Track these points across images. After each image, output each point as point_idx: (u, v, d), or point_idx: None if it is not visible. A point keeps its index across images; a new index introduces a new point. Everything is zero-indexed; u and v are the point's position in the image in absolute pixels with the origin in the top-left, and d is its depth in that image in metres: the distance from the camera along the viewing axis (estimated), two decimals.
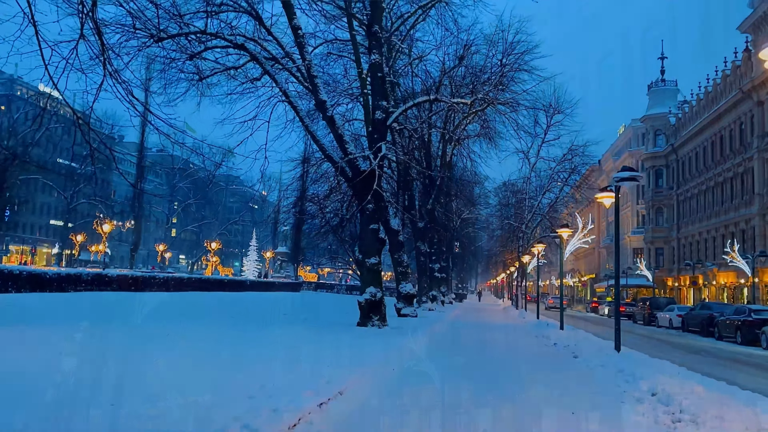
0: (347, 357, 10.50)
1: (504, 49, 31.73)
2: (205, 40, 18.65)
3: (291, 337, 13.23)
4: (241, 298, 31.22)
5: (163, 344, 10.57)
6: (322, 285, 68.26)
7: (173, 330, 12.63)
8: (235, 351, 10.28)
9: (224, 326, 14.89)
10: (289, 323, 17.42)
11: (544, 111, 37.71)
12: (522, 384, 10.74)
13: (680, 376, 10.30)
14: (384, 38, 20.26)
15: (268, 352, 10.43)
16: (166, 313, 18.34)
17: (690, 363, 15.97)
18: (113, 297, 22.98)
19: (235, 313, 20.40)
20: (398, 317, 24.66)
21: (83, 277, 25.74)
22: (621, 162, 76.22)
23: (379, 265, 18.84)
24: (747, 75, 44.08)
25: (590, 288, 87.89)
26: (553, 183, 46.25)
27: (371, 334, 15.49)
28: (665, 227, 63.09)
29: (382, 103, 19.11)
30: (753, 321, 24.38)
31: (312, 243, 47.41)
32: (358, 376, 8.83)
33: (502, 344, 18.23)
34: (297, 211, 45.88)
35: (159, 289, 31.04)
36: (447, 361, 12.90)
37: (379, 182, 17.80)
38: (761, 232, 41.45)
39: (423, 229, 35.99)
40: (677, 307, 36.89)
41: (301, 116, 18.73)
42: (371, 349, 12.07)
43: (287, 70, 18.86)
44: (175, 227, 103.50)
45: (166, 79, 20.03)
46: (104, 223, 56.79)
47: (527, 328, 26.79)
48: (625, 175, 12.80)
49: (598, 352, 14.49)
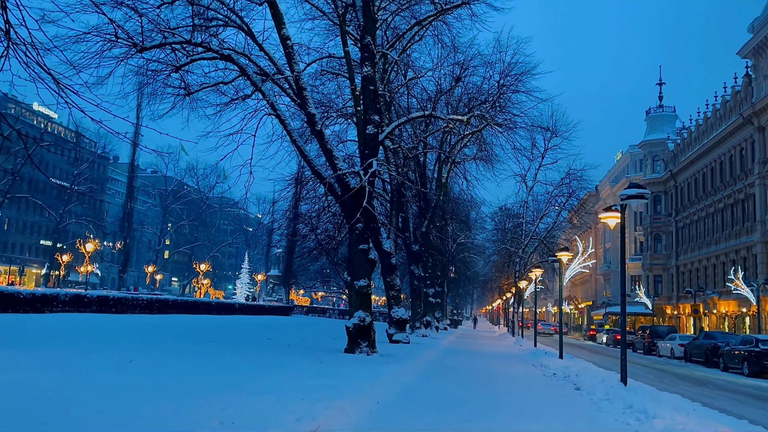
0: (327, 388, 9.41)
1: (502, 69, 31.18)
2: (192, 51, 17.89)
3: (268, 365, 12.11)
4: (227, 322, 29.97)
5: (120, 373, 9.46)
6: (315, 309, 66.84)
7: (138, 357, 11.51)
8: (200, 380, 9.17)
9: (198, 352, 13.74)
10: (270, 349, 16.27)
11: (542, 132, 36.91)
12: (521, 421, 9.65)
13: (697, 414, 9.25)
14: (378, 52, 19.44)
15: (236, 381, 9.32)
16: (140, 336, 17.19)
17: (699, 396, 14.93)
18: (89, 319, 21.80)
19: (216, 337, 19.22)
20: (390, 343, 23.59)
21: (60, 297, 24.56)
22: (618, 188, 75.59)
23: (368, 288, 17.77)
24: (747, 100, 43.53)
25: (587, 315, 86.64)
26: (551, 207, 45.45)
27: (358, 362, 14.37)
28: (663, 254, 62.13)
29: (374, 117, 18.23)
30: (761, 352, 23.32)
31: (304, 265, 46.29)
32: (336, 412, 7.74)
33: (499, 374, 17.09)
34: (288, 233, 44.96)
35: (142, 312, 29.82)
36: (438, 393, 11.81)
37: (370, 200, 16.84)
38: (764, 260, 40.51)
39: (417, 252, 34.98)
40: (679, 336, 35.75)
41: (288, 130, 17.84)
42: (355, 379, 10.97)
43: (275, 82, 18.04)
44: (168, 249, 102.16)
45: (150, 93, 19.28)
46: (87, 243, 55.46)
47: (524, 356, 25.66)
48: (632, 192, 11.84)
49: (601, 384, 13.40)
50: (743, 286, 37.37)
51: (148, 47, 16.83)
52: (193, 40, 17.28)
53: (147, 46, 16.68)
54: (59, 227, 73.16)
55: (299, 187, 29.43)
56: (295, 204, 35.17)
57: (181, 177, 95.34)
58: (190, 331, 21.31)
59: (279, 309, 52.38)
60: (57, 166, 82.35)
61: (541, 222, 46.56)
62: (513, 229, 51.12)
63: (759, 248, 41.15)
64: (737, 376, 23.76)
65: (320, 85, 28.85)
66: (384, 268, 27.42)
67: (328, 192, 18.45)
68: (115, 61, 16.94)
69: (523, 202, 46.66)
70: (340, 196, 17.11)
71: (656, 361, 31.85)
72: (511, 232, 51.56)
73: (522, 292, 51.94)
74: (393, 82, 30.84)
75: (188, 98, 18.67)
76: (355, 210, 16.46)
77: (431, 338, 31.36)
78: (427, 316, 37.96)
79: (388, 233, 27.27)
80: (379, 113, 20.43)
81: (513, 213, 50.73)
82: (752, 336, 25.85)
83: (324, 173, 17.87)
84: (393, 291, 26.86)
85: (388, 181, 31.17)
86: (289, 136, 17.84)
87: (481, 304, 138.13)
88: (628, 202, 12.02)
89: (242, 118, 18.20)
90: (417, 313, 36.82)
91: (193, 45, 17.39)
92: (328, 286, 60.70)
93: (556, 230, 48.27)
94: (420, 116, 20.79)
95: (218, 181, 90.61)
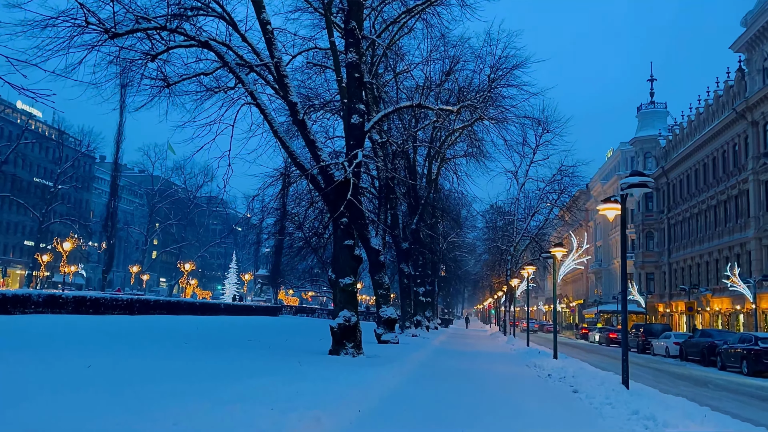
0: (304, 395, 8.50)
1: (493, 63, 30.43)
2: (169, 39, 16.96)
3: (243, 369, 11.17)
4: (210, 323, 28.96)
5: (74, 379, 8.49)
6: (304, 309, 65.80)
7: (101, 361, 10.55)
8: (163, 387, 8.22)
9: (170, 355, 12.78)
10: (250, 351, 15.33)
11: (534, 127, 36.16)
12: (515, 429, 8.79)
13: (711, 421, 8.41)
14: (365, 37, 18.50)
15: (204, 387, 8.39)
16: (112, 339, 16.20)
17: (702, 398, 14.14)
18: (62, 320, 20.75)
19: (194, 339, 18.27)
20: (378, 344, 22.75)
21: (33, 298, 23.46)
22: (609, 186, 75.09)
23: (354, 286, 16.86)
24: (740, 95, 42.94)
25: (578, 314, 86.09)
26: (542, 204, 44.76)
27: (341, 365, 13.47)
28: (656, 252, 61.60)
29: (359, 106, 17.32)
30: (760, 350, 22.59)
31: (291, 265, 45.34)
32: (309, 424, 6.83)
33: (491, 376, 16.23)
34: (275, 231, 43.96)
35: (122, 313, 28.75)
36: (427, 398, 10.92)
37: (355, 193, 15.93)
38: (758, 257, 39.92)
39: (407, 250, 34.13)
40: (674, 334, 35.06)
41: (269, 120, 16.87)
42: (336, 384, 10.06)
43: (256, 71, 17.10)
44: (156, 249, 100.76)
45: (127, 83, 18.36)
46: (65, 242, 54.14)
47: (517, 356, 24.85)
48: (634, 181, 10.98)
49: (601, 387, 12.57)
50: (740, 283, 36.73)
51: (120, 33, 15.88)
52: (167, 26, 16.38)
53: (119, 32, 15.75)
54: (42, 227, 71.65)
55: (286, 181, 28.35)
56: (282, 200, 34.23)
57: (168, 176, 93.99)
58: (167, 332, 20.31)
59: (266, 309, 51.34)
60: (40, 165, 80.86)
61: (532, 219, 45.94)
62: (504, 227, 50.45)
63: (753, 245, 40.56)
64: (736, 375, 23.04)
65: (307, 80, 28.03)
66: (372, 266, 26.56)
67: (310, 184, 17.50)
68: (86, 48, 16.07)
69: (514, 199, 46.01)
70: (324, 189, 16.20)
71: (651, 359, 31.13)
72: (502, 230, 50.89)
73: (513, 291, 51.18)
74: (382, 77, 30.04)
75: (167, 90, 17.78)
76: (340, 203, 15.57)
77: (421, 338, 30.50)
78: (418, 315, 37.12)
79: (376, 230, 26.40)
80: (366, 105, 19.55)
81: (504, 210, 50.11)
82: (751, 334, 25.14)
83: (307, 166, 16.91)
84: (381, 290, 25.99)
85: (377, 177, 30.31)
86: (269, 125, 16.88)
87: (472, 303, 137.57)
88: (630, 191, 11.17)
89: (220, 107, 17.25)
90: (407, 312, 35.96)
91: (168, 31, 16.49)
92: (317, 285, 59.76)
93: (547, 228, 47.60)
94: (408, 106, 19.89)
95: (206, 181, 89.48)
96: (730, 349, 24.78)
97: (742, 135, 43.20)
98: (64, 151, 77.93)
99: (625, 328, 12.19)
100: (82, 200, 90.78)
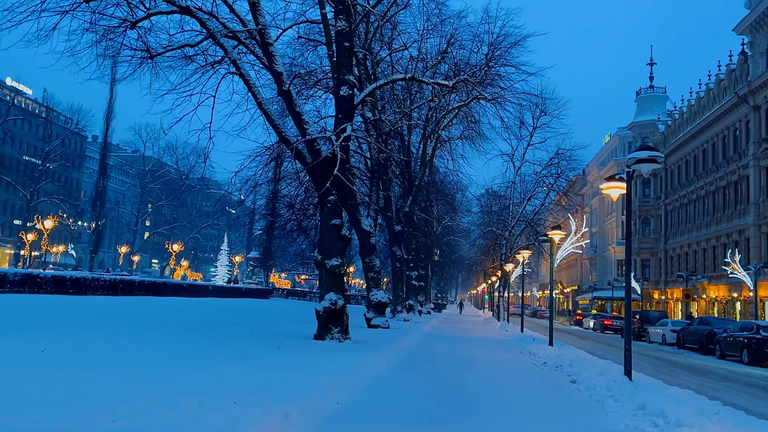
0: (276, 384, 7.65)
1: (490, 42, 29.46)
2: (149, 5, 15.92)
3: (216, 355, 10.30)
4: (196, 305, 28.10)
5: (14, 365, 7.58)
6: (295, 292, 65.00)
7: (59, 344, 9.66)
8: (120, 376, 7.34)
9: (140, 339, 11.88)
10: (229, 335, 14.46)
11: (531, 109, 35.22)
12: (509, 425, 7.97)
13: (729, 420, 7.58)
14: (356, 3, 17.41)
15: (166, 377, 7.53)
16: (82, 320, 15.31)
17: (706, 389, 13.38)
18: (36, 300, 19.82)
19: (172, 321, 17.39)
20: (368, 328, 21.98)
21: (9, 277, 22.54)
22: (606, 171, 74.21)
23: (341, 267, 16.00)
24: (743, 78, 41.99)
25: (572, 300, 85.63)
26: (539, 188, 43.92)
27: (325, 350, 12.63)
28: (652, 238, 60.91)
29: (348, 77, 16.33)
30: (762, 339, 21.87)
31: (282, 247, 44.49)
32: (275, 422, 5.96)
33: (484, 364, 15.43)
34: (267, 213, 43.00)
35: (104, 293, 27.86)
36: (414, 388, 10.08)
37: (343, 169, 14.98)
38: (757, 244, 39.22)
39: (400, 232, 33.25)
40: (671, 321, 34.36)
41: (253, 92, 15.87)
42: (315, 372, 9.21)
43: (240, 41, 16.08)
44: (148, 230, 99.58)
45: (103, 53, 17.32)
46: (46, 219, 53.01)
47: (511, 342, 24.08)
48: (643, 156, 10.07)
49: (601, 377, 11.76)
50: (740, 270, 36.02)
51: None
52: None
53: None
54: (30, 206, 70.41)
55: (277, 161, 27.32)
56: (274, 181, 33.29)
57: (160, 156, 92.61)
58: (146, 313, 19.43)
59: (256, 292, 50.51)
60: (30, 143, 79.42)
61: (528, 203, 45.16)
62: (500, 211, 49.65)
63: (752, 231, 39.85)
64: (736, 364, 22.34)
65: (299, 57, 27.00)
66: (363, 247, 25.73)
67: (295, 159, 16.56)
68: (59, 13, 15.08)
69: (510, 182, 45.17)
70: (309, 164, 15.27)
71: (647, 347, 30.46)
72: (498, 214, 50.09)
73: (508, 276, 50.47)
74: (378, 55, 28.98)
75: (150, 62, 16.81)
76: (327, 179, 14.65)
77: (413, 323, 29.74)
78: (410, 299, 36.35)
79: (367, 211, 25.51)
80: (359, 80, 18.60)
81: (500, 195, 49.28)
82: (752, 322, 24.41)
83: (291, 138, 15.93)
84: (372, 272, 25.17)
85: (369, 157, 29.35)
86: (253, 97, 15.89)
87: (466, 288, 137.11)
88: (638, 167, 10.27)
89: (200, 75, 16.26)
90: (399, 296, 35.17)
91: None
92: (309, 268, 58.93)
93: (543, 212, 46.81)
94: (402, 78, 18.87)
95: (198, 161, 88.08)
96: (730, 337, 24.07)
97: (744, 120, 42.31)
98: (53, 128, 76.47)
99: (629, 314, 11.36)
100: (73, 179, 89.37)
